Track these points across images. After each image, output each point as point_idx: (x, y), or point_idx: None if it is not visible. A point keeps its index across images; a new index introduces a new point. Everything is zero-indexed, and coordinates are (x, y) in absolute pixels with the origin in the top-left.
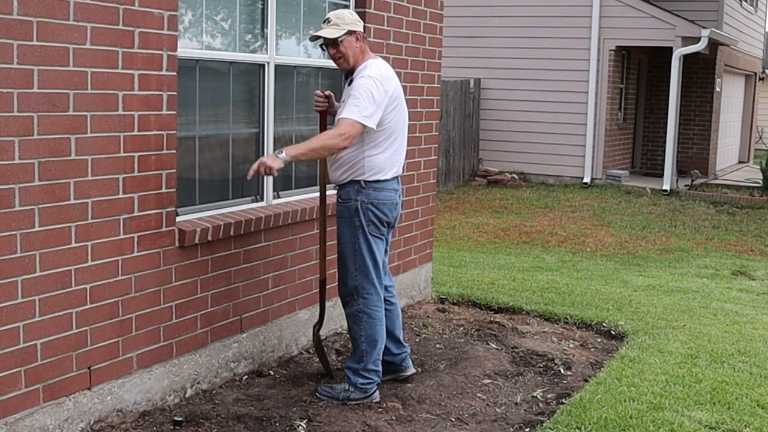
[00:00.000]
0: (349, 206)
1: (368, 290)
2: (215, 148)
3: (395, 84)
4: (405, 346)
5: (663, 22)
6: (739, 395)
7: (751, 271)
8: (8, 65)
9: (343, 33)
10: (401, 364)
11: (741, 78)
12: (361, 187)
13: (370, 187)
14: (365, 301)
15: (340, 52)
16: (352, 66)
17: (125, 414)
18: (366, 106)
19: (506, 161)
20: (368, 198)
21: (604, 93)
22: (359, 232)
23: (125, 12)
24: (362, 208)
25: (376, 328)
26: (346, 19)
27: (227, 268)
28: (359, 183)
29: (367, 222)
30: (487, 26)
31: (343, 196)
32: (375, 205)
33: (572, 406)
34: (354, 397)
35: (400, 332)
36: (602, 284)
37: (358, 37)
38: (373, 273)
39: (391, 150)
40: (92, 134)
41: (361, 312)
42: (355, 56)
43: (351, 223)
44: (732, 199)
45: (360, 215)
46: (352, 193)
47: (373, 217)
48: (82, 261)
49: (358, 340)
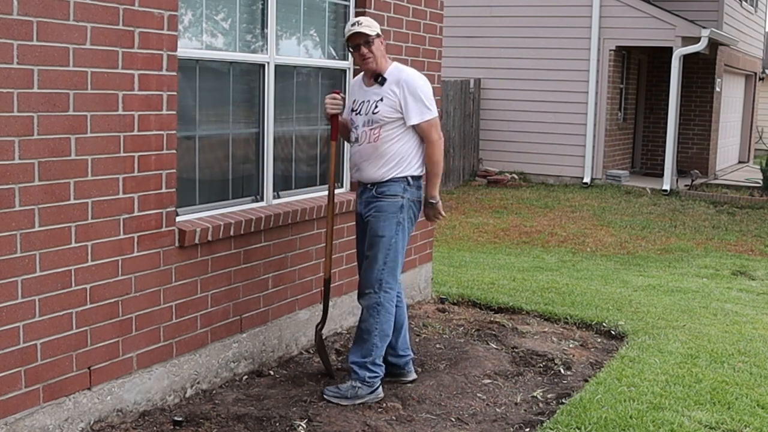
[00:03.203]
0: (396, 202)
1: (391, 285)
2: (215, 148)
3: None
4: (409, 352)
5: (663, 22)
6: (739, 395)
7: (751, 271)
8: (8, 65)
9: (375, 33)
10: (404, 368)
11: (741, 78)
12: (408, 185)
13: (414, 185)
14: (387, 295)
15: (372, 51)
16: (377, 68)
17: (125, 414)
18: (429, 103)
19: (506, 161)
20: (413, 196)
21: (604, 93)
22: (400, 228)
23: (125, 12)
24: (407, 205)
25: (390, 322)
26: (373, 25)
27: (227, 268)
28: (406, 180)
29: (409, 219)
30: (487, 26)
31: (387, 192)
32: (415, 203)
33: (572, 406)
34: (362, 393)
35: (406, 333)
36: (602, 284)
37: (383, 42)
38: (398, 269)
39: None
40: (92, 134)
41: (379, 305)
42: (382, 58)
43: (394, 219)
44: (732, 199)
45: (405, 212)
46: (399, 189)
47: (412, 215)
48: (82, 261)
49: (371, 332)
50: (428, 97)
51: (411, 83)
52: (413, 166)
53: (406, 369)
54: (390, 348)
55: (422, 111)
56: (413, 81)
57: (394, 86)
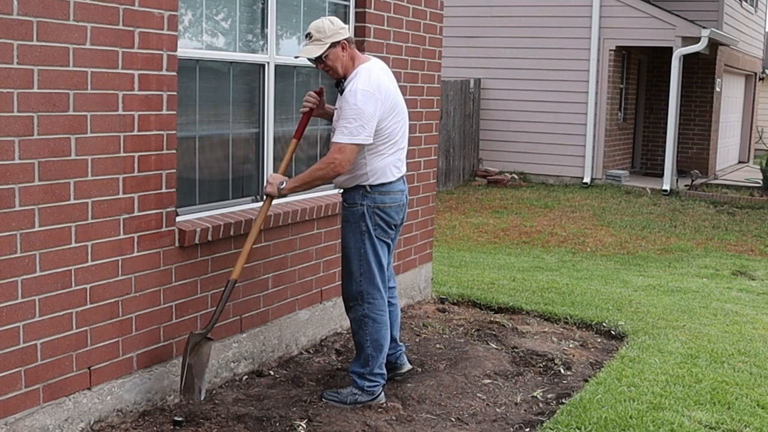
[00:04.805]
0: (355, 211)
1: (373, 295)
2: (215, 148)
3: (389, 87)
4: (400, 345)
5: (663, 22)
6: (739, 395)
7: (751, 271)
8: (8, 65)
9: (326, 48)
10: (396, 362)
11: (741, 78)
12: (367, 192)
13: (375, 191)
14: (370, 306)
15: (327, 65)
16: (343, 75)
17: (125, 414)
18: (356, 125)
19: (506, 161)
20: (374, 202)
21: (604, 93)
22: (365, 237)
23: (125, 12)
24: (368, 212)
25: (381, 332)
26: (327, 32)
27: (227, 268)
28: (364, 188)
29: (374, 226)
30: (487, 26)
31: (348, 200)
32: (381, 209)
33: (572, 406)
34: (361, 400)
35: (396, 332)
36: (602, 284)
37: (344, 46)
38: (378, 278)
39: (393, 153)
40: (92, 134)
41: (366, 317)
42: (345, 66)
43: (357, 228)
44: (732, 199)
45: (366, 220)
46: (357, 197)
47: (380, 221)
48: (82, 261)
49: (363, 344)
50: (364, 118)
51: (347, 99)
52: (374, 175)
53: (398, 362)
54: None
55: (341, 130)
56: (349, 96)
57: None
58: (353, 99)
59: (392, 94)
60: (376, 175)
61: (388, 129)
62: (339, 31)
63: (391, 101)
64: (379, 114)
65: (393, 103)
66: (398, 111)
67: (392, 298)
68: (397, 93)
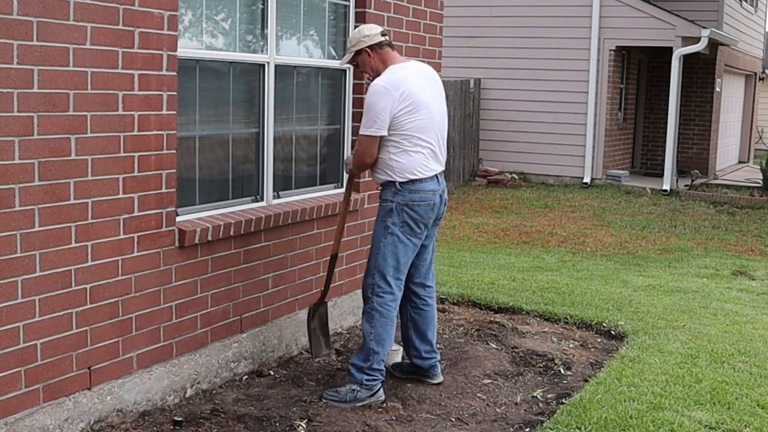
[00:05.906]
0: (385, 207)
1: (383, 289)
2: (215, 148)
3: (411, 86)
4: (436, 353)
5: (663, 22)
6: (739, 395)
7: (751, 271)
8: (8, 65)
9: (349, 58)
10: (429, 371)
11: (741, 78)
12: (397, 189)
13: (405, 189)
14: (379, 299)
15: (363, 68)
16: (375, 75)
17: (125, 414)
18: (368, 119)
19: (506, 161)
20: (404, 199)
21: (604, 93)
22: (387, 233)
23: (125, 12)
24: (397, 209)
25: (386, 327)
26: (352, 41)
27: (227, 268)
28: (395, 185)
29: (402, 223)
30: (487, 26)
31: (381, 196)
32: (410, 207)
33: (572, 406)
34: (361, 396)
35: (433, 335)
36: (602, 284)
37: (369, 52)
38: (391, 274)
39: (419, 150)
40: (92, 134)
41: (374, 310)
42: (375, 68)
43: (382, 223)
44: (732, 199)
45: (394, 216)
46: (389, 194)
47: (408, 219)
48: (82, 261)
49: (367, 338)
50: (374, 112)
51: (366, 94)
52: (401, 172)
53: (430, 372)
54: (414, 350)
55: (364, 124)
56: (369, 94)
57: None
58: (367, 95)
59: (414, 93)
60: (404, 172)
61: (409, 125)
62: (362, 39)
63: (410, 99)
64: (392, 109)
65: (414, 101)
66: (422, 109)
67: (429, 297)
68: (424, 93)
